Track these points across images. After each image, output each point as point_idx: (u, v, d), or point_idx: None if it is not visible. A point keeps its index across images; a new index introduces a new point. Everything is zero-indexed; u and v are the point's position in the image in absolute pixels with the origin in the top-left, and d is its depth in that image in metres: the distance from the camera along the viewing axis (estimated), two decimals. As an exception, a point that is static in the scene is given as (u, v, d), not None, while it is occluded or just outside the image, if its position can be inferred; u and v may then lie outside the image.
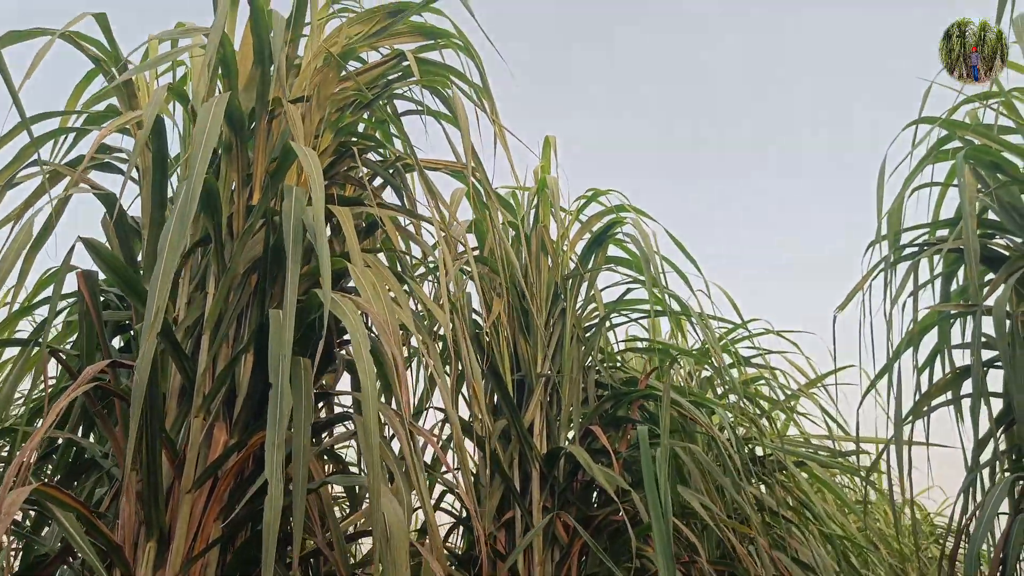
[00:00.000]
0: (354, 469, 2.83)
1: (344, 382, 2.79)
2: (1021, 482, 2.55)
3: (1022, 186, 2.72)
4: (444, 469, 2.93)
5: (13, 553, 2.66)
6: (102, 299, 2.60)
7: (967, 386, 2.77)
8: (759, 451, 3.89)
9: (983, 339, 2.59)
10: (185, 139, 2.60)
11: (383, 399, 2.44)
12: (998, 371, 2.67)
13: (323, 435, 2.49)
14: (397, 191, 2.72)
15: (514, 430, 2.94)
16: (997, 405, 2.71)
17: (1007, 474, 2.52)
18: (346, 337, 2.39)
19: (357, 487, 2.64)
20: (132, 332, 2.59)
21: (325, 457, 2.59)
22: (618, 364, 3.69)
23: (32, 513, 2.48)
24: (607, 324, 3.47)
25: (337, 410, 2.62)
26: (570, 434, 3.13)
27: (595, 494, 3.10)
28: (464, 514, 3.17)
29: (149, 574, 1.95)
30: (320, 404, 2.40)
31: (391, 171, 2.66)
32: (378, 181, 2.75)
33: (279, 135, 2.48)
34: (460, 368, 2.85)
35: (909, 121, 2.88)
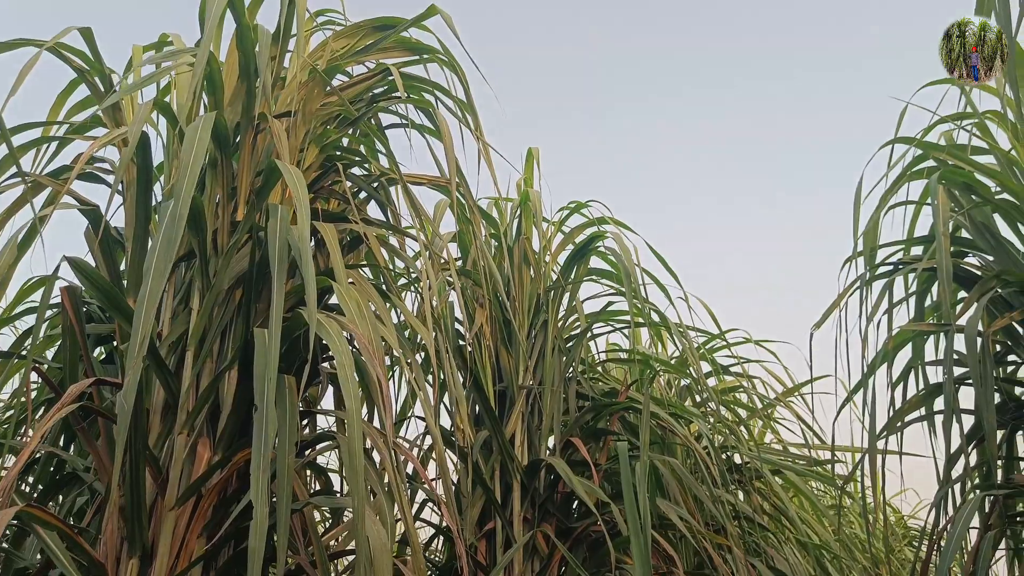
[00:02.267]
0: (334, 475, 2.86)
1: (328, 393, 2.80)
2: (990, 499, 2.61)
3: (994, 207, 2.78)
4: (424, 481, 2.95)
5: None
6: (84, 309, 2.61)
7: (939, 402, 2.84)
8: (737, 458, 3.95)
9: (955, 356, 2.65)
10: (168, 149, 2.61)
11: (365, 415, 2.46)
12: (969, 388, 2.73)
13: (306, 451, 2.50)
14: (381, 205, 2.74)
15: (495, 442, 2.97)
16: (968, 421, 2.77)
17: (977, 491, 2.58)
18: (330, 353, 2.40)
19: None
20: (115, 344, 2.60)
21: (307, 469, 2.61)
22: (598, 374, 3.73)
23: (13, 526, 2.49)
24: (588, 335, 3.51)
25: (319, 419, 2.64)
26: (551, 444, 3.16)
27: (575, 505, 3.14)
28: (444, 524, 3.19)
29: (132, 591, 1.97)
30: (303, 420, 2.42)
31: (375, 185, 2.68)
32: (362, 194, 2.77)
33: (263, 150, 2.48)
34: (442, 378, 2.87)
35: (885, 141, 2.94)
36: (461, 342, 3.16)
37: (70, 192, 2.54)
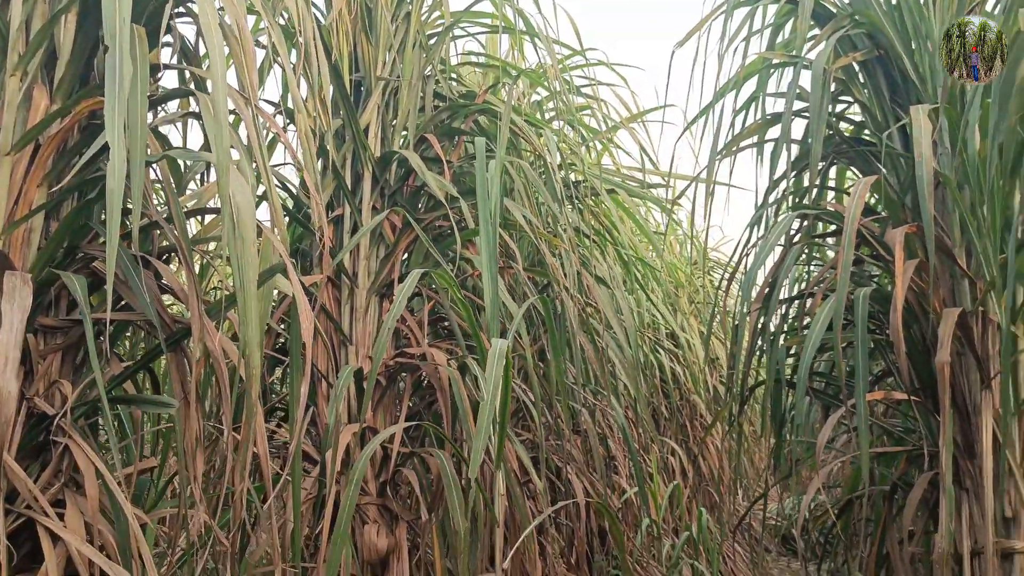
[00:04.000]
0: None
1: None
2: (798, 220, 2.90)
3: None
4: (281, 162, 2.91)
5: None
6: None
7: (773, 132, 3.04)
8: (573, 177, 4.13)
9: (797, 90, 2.81)
10: None
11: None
12: (803, 121, 2.93)
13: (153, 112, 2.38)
14: None
15: (349, 131, 2.94)
16: (795, 154, 3.00)
17: (791, 211, 2.86)
18: (181, 9, 2.23)
19: (184, 167, 2.59)
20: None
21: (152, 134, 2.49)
22: (455, 78, 3.68)
23: None
24: (451, 34, 3.41)
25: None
26: (404, 141, 3.16)
27: (422, 200, 3.21)
28: (291, 205, 3.19)
29: (-34, 236, 1.89)
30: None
31: None
32: None
33: None
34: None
35: None
36: (319, 24, 2.99)
37: None
